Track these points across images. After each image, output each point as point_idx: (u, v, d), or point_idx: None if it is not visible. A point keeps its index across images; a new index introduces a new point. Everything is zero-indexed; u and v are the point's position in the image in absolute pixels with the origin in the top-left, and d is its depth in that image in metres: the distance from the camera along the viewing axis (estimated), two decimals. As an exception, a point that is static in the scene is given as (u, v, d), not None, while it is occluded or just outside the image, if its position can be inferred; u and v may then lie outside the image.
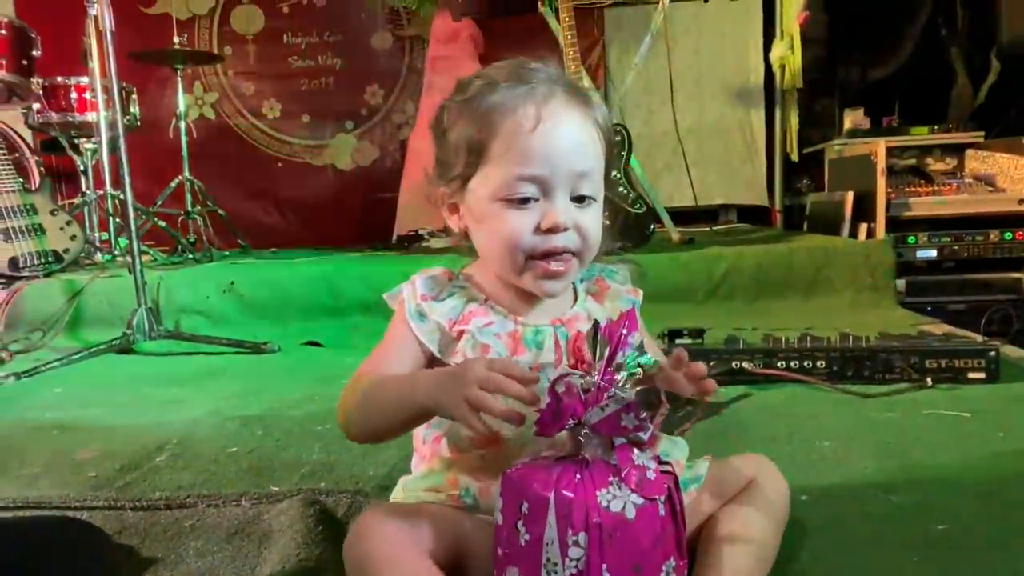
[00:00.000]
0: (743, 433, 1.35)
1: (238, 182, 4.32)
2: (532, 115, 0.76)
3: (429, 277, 0.86)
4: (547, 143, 0.76)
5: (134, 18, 4.18)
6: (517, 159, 0.75)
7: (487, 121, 0.77)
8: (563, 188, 0.77)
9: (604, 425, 0.63)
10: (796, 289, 2.50)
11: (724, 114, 4.29)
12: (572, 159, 0.77)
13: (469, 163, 0.79)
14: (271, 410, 1.61)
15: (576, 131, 0.78)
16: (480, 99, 0.79)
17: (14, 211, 2.66)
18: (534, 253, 0.77)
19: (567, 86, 0.80)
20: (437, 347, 0.82)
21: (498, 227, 0.78)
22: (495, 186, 0.77)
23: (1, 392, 1.86)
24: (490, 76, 0.80)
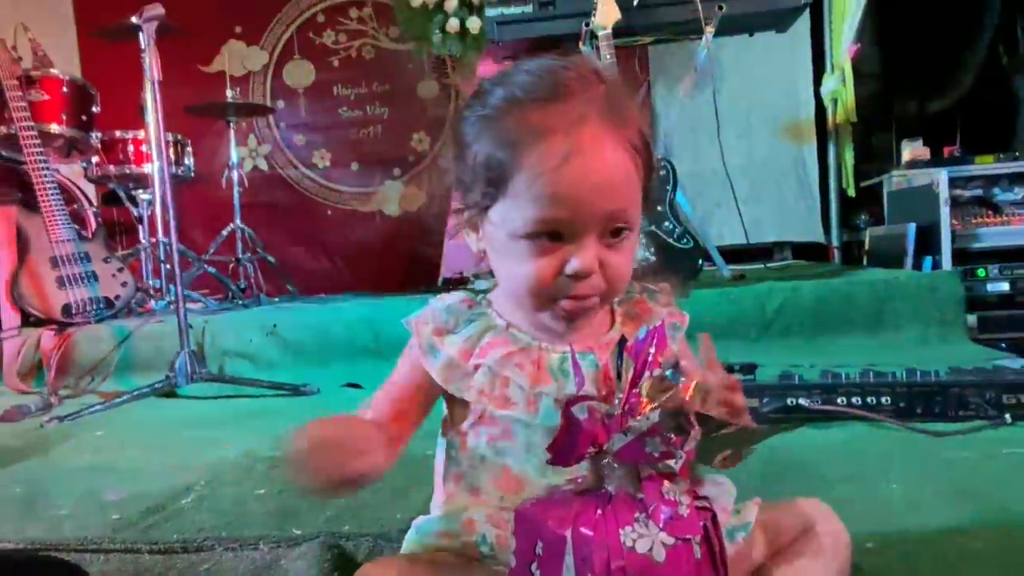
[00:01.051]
0: (800, 476, 1.24)
1: (289, 230, 4.39)
2: (559, 149, 0.66)
3: (446, 306, 0.79)
4: (575, 184, 0.66)
5: (193, 76, 4.35)
6: (541, 200, 0.67)
7: (509, 147, 0.68)
8: (592, 230, 0.68)
9: (627, 452, 0.56)
10: (858, 324, 2.36)
11: (775, 150, 4.20)
12: (603, 199, 0.68)
13: (488, 193, 0.71)
14: (303, 451, 1.56)
15: (610, 166, 0.68)
16: (502, 118, 0.70)
17: (69, 259, 2.73)
18: (554, 297, 0.71)
19: (604, 102, 0.69)
20: (454, 385, 0.75)
21: (518, 267, 0.70)
22: (515, 225, 0.69)
23: (43, 435, 1.86)
24: (515, 87, 0.71)
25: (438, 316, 0.77)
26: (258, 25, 4.51)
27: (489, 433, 0.74)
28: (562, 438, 0.56)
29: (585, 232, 0.68)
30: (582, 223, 0.67)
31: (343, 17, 4.45)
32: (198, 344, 2.53)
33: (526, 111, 0.68)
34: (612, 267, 0.70)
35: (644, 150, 0.72)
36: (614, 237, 0.70)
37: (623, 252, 0.71)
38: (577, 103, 0.68)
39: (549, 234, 0.68)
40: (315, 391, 2.22)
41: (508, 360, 0.74)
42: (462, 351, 0.75)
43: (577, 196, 0.66)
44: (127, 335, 2.58)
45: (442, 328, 0.77)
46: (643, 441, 0.55)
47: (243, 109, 3.83)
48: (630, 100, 0.74)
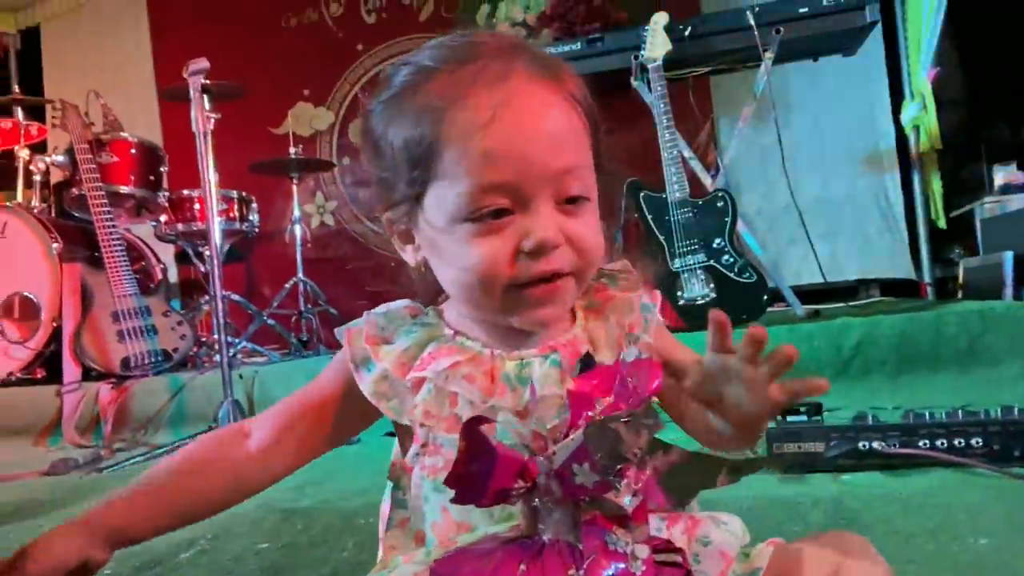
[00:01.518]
0: (871, 529, 1.05)
1: (354, 283, 4.37)
2: (486, 103, 0.57)
3: (383, 314, 0.68)
4: (513, 138, 0.57)
5: (263, 137, 4.50)
6: (476, 166, 0.57)
7: (427, 120, 0.59)
8: (544, 193, 0.58)
9: (556, 486, 0.43)
10: (948, 361, 2.11)
11: (854, 182, 3.94)
12: (549, 154, 0.58)
13: (414, 179, 0.60)
14: (322, 503, 1.47)
15: (550, 115, 0.59)
16: (412, 91, 0.60)
17: (130, 313, 2.78)
18: (517, 283, 0.59)
19: (527, 56, 0.61)
20: (389, 405, 0.63)
21: (465, 258, 0.59)
22: (453, 205, 0.58)
23: (77, 488, 1.84)
24: (422, 60, 0.62)
25: (374, 324, 0.67)
26: (325, 87, 4.64)
27: (432, 464, 0.61)
28: (465, 466, 0.43)
29: (536, 196, 0.58)
30: (530, 185, 0.57)
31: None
32: (247, 394, 2.51)
33: (440, 78, 0.59)
34: (578, 237, 0.59)
35: (586, 105, 0.63)
36: (570, 203, 0.60)
37: (585, 221, 0.61)
38: (497, 60, 0.59)
39: (494, 210, 0.57)
40: (355, 440, 2.13)
41: (455, 371, 0.62)
42: (399, 363, 0.64)
43: (517, 152, 0.57)
44: (181, 386, 2.58)
45: (378, 337, 0.66)
46: (568, 470, 0.42)
47: (304, 165, 3.91)
48: (560, 62, 0.64)
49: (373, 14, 4.62)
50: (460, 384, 0.61)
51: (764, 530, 1.04)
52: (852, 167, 3.93)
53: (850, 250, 3.88)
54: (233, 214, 3.46)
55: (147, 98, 4.66)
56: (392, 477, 0.68)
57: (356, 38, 4.60)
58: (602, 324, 0.67)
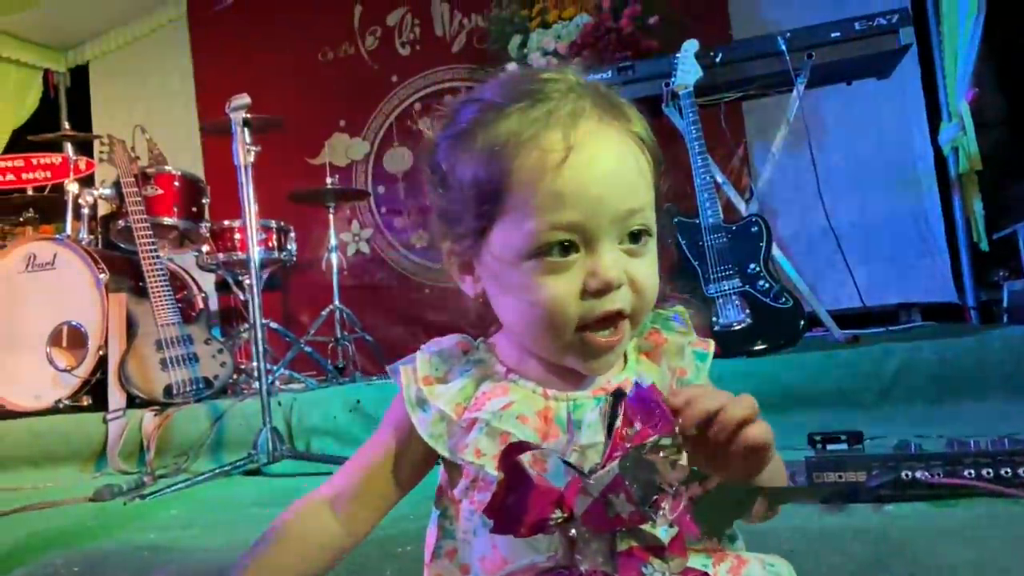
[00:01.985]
0: (915, 563, 1.03)
1: (389, 309, 4.46)
2: (558, 145, 0.58)
3: (436, 352, 0.69)
4: (584, 180, 0.58)
5: (302, 169, 4.60)
6: (546, 205, 0.58)
7: (498, 158, 0.60)
8: (611, 233, 0.59)
9: (592, 518, 0.44)
10: (994, 387, 2.06)
11: (892, 206, 3.89)
12: (617, 196, 0.59)
13: (482, 214, 0.61)
14: (359, 530, 1.48)
15: (618, 158, 0.60)
16: (482, 129, 0.62)
17: (173, 342, 2.85)
18: (581, 323, 0.60)
19: (596, 96, 0.62)
20: (445, 445, 0.64)
21: (532, 295, 0.59)
22: (521, 242, 0.59)
23: (121, 514, 1.88)
24: (488, 96, 0.63)
25: (428, 363, 0.68)
26: (360, 118, 4.74)
27: (482, 501, 0.62)
28: (503, 496, 0.44)
29: (602, 236, 0.59)
30: (597, 225, 0.58)
31: (438, 104, 4.57)
32: (286, 421, 2.54)
33: (510, 117, 0.60)
34: (639, 277, 0.61)
35: (651, 145, 0.64)
36: (634, 242, 0.61)
37: (647, 260, 0.62)
38: (565, 100, 0.60)
39: (561, 245, 0.58)
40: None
41: (508, 411, 0.62)
42: (455, 404, 0.64)
43: (587, 193, 0.58)
44: (221, 414, 2.63)
45: (432, 377, 0.67)
46: (606, 502, 0.42)
47: (340, 195, 3.98)
48: (622, 101, 0.65)
49: (407, 46, 4.72)
50: (513, 424, 0.62)
51: (804, 561, 1.03)
52: (889, 190, 3.88)
53: (889, 274, 3.82)
54: (272, 243, 3.53)
55: (189, 131, 4.80)
56: (439, 505, 0.68)
57: (391, 70, 4.70)
58: (654, 367, 0.68)
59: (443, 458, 0.67)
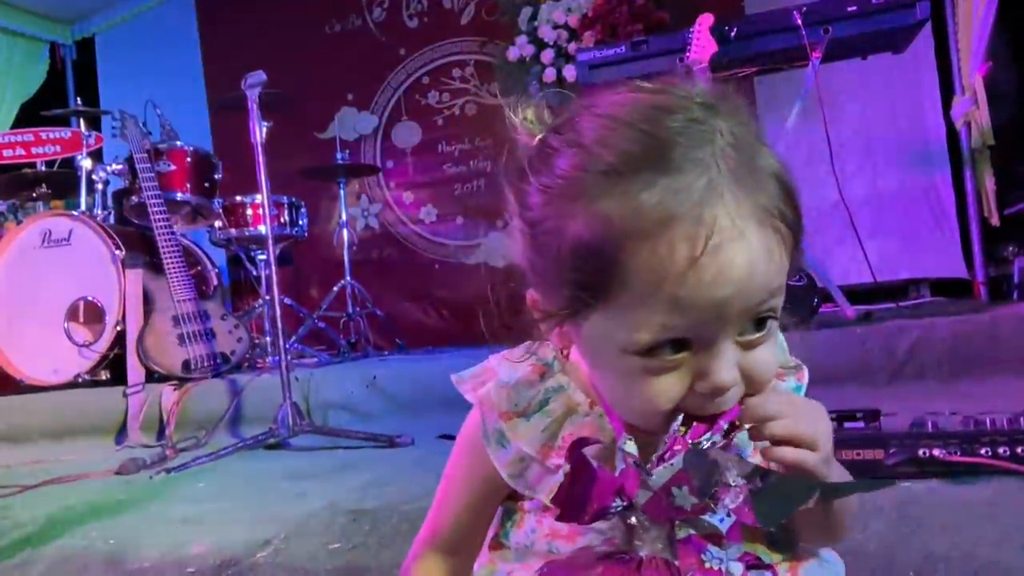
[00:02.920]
0: (934, 539, 1.06)
1: (398, 285, 4.49)
2: (686, 244, 0.47)
3: (514, 383, 0.62)
4: (711, 285, 0.48)
5: (310, 143, 4.59)
6: (663, 309, 0.49)
7: (609, 245, 0.49)
8: (731, 333, 0.51)
9: (653, 507, 0.46)
10: (1007, 365, 2.08)
11: (903, 180, 3.88)
12: (746, 298, 0.50)
13: (580, 299, 0.52)
14: (386, 505, 1.51)
15: (754, 255, 0.49)
16: (588, 197, 0.50)
17: (189, 317, 2.87)
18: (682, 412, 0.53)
19: (733, 157, 0.50)
20: (525, 484, 0.61)
21: (632, 387, 0.53)
22: (627, 340, 0.51)
23: (149, 487, 1.92)
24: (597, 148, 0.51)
25: (506, 397, 0.62)
26: (368, 91, 4.72)
27: (552, 528, 0.60)
28: (569, 487, 0.47)
29: (721, 337, 0.51)
30: (718, 328, 0.50)
31: (446, 77, 4.59)
32: (304, 396, 2.57)
33: (630, 188, 0.49)
34: (756, 370, 0.53)
35: (789, 208, 0.53)
36: (756, 331, 0.52)
37: (765, 349, 0.54)
38: (698, 168, 0.49)
39: (673, 344, 0.51)
40: (410, 442, 2.18)
41: (596, 455, 0.56)
42: (540, 446, 0.59)
43: (713, 299, 0.49)
44: (241, 389, 2.67)
45: (511, 412, 0.61)
46: (668, 492, 0.45)
47: (351, 170, 3.98)
48: (756, 136, 0.54)
49: (415, 18, 4.68)
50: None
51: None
52: (901, 164, 3.88)
53: (899, 249, 3.82)
54: (283, 219, 3.55)
55: (197, 105, 4.79)
56: (506, 503, 0.66)
57: (399, 42, 4.67)
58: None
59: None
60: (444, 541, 0.70)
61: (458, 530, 0.67)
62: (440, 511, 0.69)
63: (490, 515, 0.66)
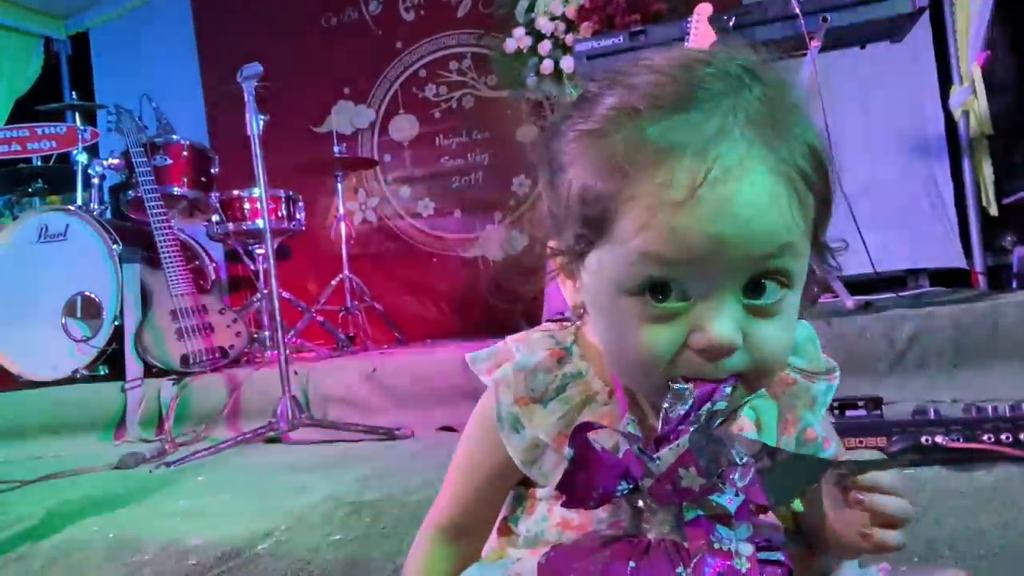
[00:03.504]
0: (940, 525, 1.06)
1: (396, 278, 4.48)
2: (686, 175, 0.47)
3: (532, 366, 0.61)
4: (707, 220, 0.47)
5: (307, 137, 4.57)
6: (657, 239, 0.48)
7: (614, 174, 0.49)
8: (731, 285, 0.49)
9: (659, 489, 0.46)
10: (1007, 353, 2.07)
11: (902, 170, 3.87)
12: (746, 242, 0.48)
13: (582, 236, 0.53)
14: (387, 496, 1.50)
15: (758, 196, 0.48)
16: (610, 134, 0.50)
17: (187, 312, 2.86)
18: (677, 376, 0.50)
19: (756, 109, 0.50)
20: (538, 471, 0.60)
21: (627, 336, 0.51)
22: (620, 273, 0.50)
23: (149, 481, 1.92)
24: (631, 91, 0.51)
25: (523, 381, 0.60)
26: (365, 85, 4.70)
27: (565, 516, 0.59)
28: (573, 472, 0.46)
29: (719, 288, 0.48)
30: (714, 274, 0.48)
31: (443, 70, 4.57)
32: (303, 390, 2.57)
33: (643, 124, 0.49)
34: (765, 342, 0.50)
35: (816, 176, 0.51)
36: (762, 297, 0.50)
37: (780, 320, 0.51)
38: (716, 112, 0.48)
39: (665, 288, 0.49)
40: (409, 435, 2.18)
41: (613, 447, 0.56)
42: (556, 433, 0.58)
43: (708, 236, 0.47)
44: (239, 383, 2.66)
45: (527, 397, 0.60)
46: (675, 473, 0.44)
47: (348, 164, 3.97)
48: (795, 106, 0.53)
49: (411, 11, 4.66)
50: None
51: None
52: (900, 154, 3.87)
53: (898, 239, 3.81)
54: (281, 213, 3.53)
55: (193, 100, 4.77)
56: (516, 488, 0.66)
57: (395, 35, 4.64)
58: (772, 404, 0.61)
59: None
60: (452, 524, 0.69)
61: (467, 513, 0.67)
62: (449, 493, 0.68)
63: (500, 499, 0.66)
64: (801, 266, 0.52)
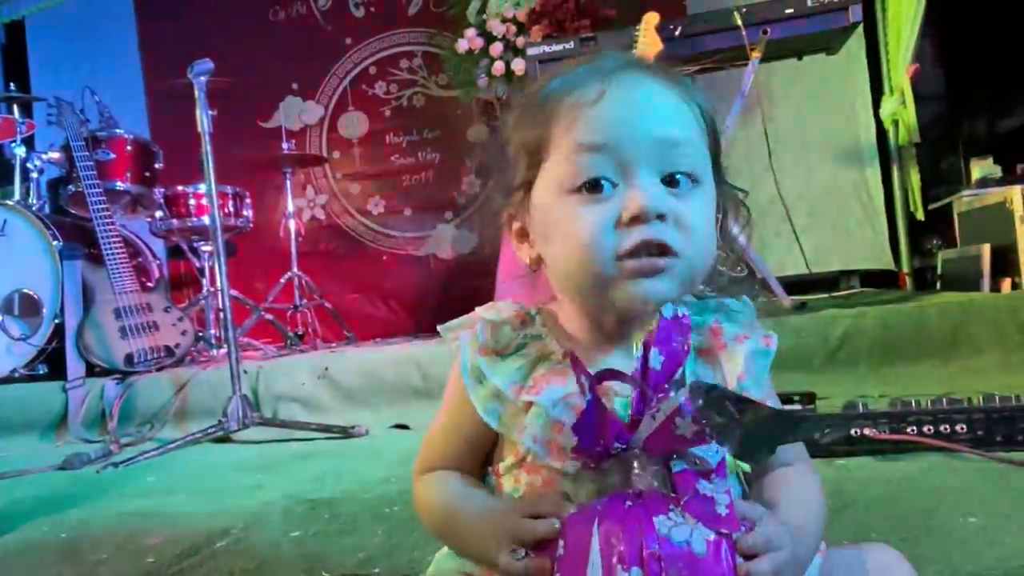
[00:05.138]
0: (867, 511, 1.14)
1: (346, 276, 4.45)
2: (596, 87, 0.61)
3: (495, 321, 0.67)
4: (617, 108, 0.60)
5: (254, 132, 4.49)
6: (582, 134, 0.60)
7: (545, 110, 0.63)
8: (647, 163, 0.59)
9: (656, 440, 0.51)
10: (930, 351, 2.21)
11: (836, 176, 4.05)
12: (653, 123, 0.60)
13: (530, 164, 0.64)
14: (344, 493, 1.53)
15: (655, 94, 0.62)
16: (539, 92, 0.66)
17: (131, 310, 2.81)
18: (618, 253, 0.59)
19: (651, 66, 0.65)
20: (497, 420, 0.64)
21: (570, 227, 0.60)
22: (562, 175, 0.61)
23: (97, 482, 1.89)
24: (556, 70, 0.67)
25: (488, 333, 0.66)
26: (314, 80, 4.65)
27: (530, 482, 0.64)
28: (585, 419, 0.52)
29: (637, 165, 0.59)
30: (633, 151, 0.59)
31: (394, 68, 4.56)
32: (252, 389, 2.55)
33: (561, 75, 0.65)
34: (684, 215, 0.59)
35: (706, 111, 0.65)
36: (676, 185, 0.60)
37: (695, 204, 0.61)
38: (615, 61, 0.64)
39: (597, 183, 0.60)
40: (363, 433, 2.20)
41: (567, 402, 0.61)
42: (511, 383, 0.64)
43: (622, 118, 0.60)
44: (185, 382, 2.63)
45: (489, 348, 0.66)
46: (671, 422, 0.49)
47: (298, 160, 3.94)
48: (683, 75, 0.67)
49: (361, 8, 4.63)
50: (570, 416, 0.59)
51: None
52: (834, 160, 4.04)
53: (831, 242, 3.99)
54: (228, 209, 3.49)
55: (133, 92, 4.64)
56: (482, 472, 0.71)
57: (344, 32, 4.61)
58: (711, 370, 0.66)
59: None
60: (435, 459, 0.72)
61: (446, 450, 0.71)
62: (434, 430, 0.72)
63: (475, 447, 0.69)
64: (705, 169, 0.63)
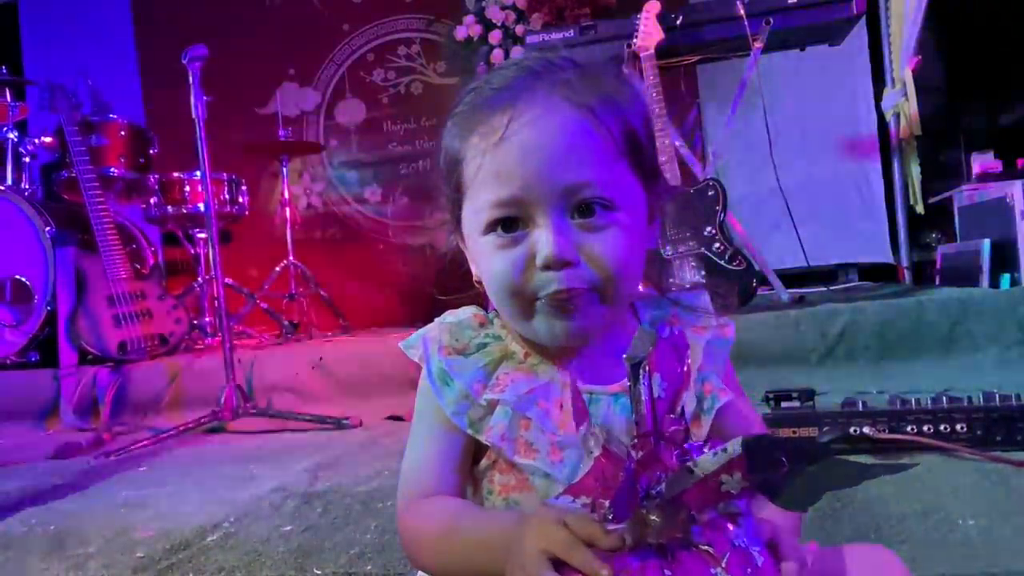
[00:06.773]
0: (863, 513, 1.13)
1: (342, 265, 4.43)
2: (499, 123, 0.59)
3: (455, 323, 0.68)
4: (518, 156, 0.59)
5: (250, 118, 4.46)
6: (488, 183, 0.60)
7: (457, 136, 0.64)
8: (554, 208, 0.59)
9: (696, 496, 0.46)
10: (929, 347, 2.20)
11: (836, 168, 4.03)
12: (558, 169, 0.58)
13: (451, 197, 0.66)
14: (337, 486, 1.52)
15: (559, 131, 0.59)
16: (457, 111, 0.65)
17: (125, 298, 2.78)
18: (536, 294, 0.60)
19: (564, 76, 0.61)
20: (466, 421, 0.64)
21: (489, 269, 0.63)
22: (475, 221, 0.63)
23: (89, 472, 1.87)
24: (480, 80, 0.65)
25: (448, 333, 0.67)
26: (311, 67, 4.61)
27: (503, 482, 0.64)
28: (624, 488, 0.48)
29: (542, 210, 0.59)
30: (535, 199, 0.59)
31: (392, 55, 4.52)
32: (247, 379, 2.53)
33: (480, 97, 0.63)
34: (596, 254, 0.59)
35: (617, 119, 0.61)
36: (585, 216, 0.59)
37: (608, 234, 0.60)
38: (529, 76, 0.62)
39: (505, 222, 0.60)
40: (357, 424, 2.18)
41: (531, 397, 0.63)
42: (475, 383, 0.64)
43: (522, 169, 0.59)
44: (179, 371, 2.61)
45: (451, 348, 0.66)
46: (717, 479, 0.45)
47: (294, 148, 3.90)
48: (610, 79, 0.64)
49: (359, -7, 4.59)
50: (535, 412, 0.63)
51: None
52: (834, 153, 4.02)
53: (830, 234, 3.97)
54: (224, 196, 3.46)
55: (128, 76, 4.60)
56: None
57: (342, 18, 4.57)
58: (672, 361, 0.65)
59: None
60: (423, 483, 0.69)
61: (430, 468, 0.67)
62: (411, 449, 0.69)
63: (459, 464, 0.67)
64: (621, 191, 0.61)
